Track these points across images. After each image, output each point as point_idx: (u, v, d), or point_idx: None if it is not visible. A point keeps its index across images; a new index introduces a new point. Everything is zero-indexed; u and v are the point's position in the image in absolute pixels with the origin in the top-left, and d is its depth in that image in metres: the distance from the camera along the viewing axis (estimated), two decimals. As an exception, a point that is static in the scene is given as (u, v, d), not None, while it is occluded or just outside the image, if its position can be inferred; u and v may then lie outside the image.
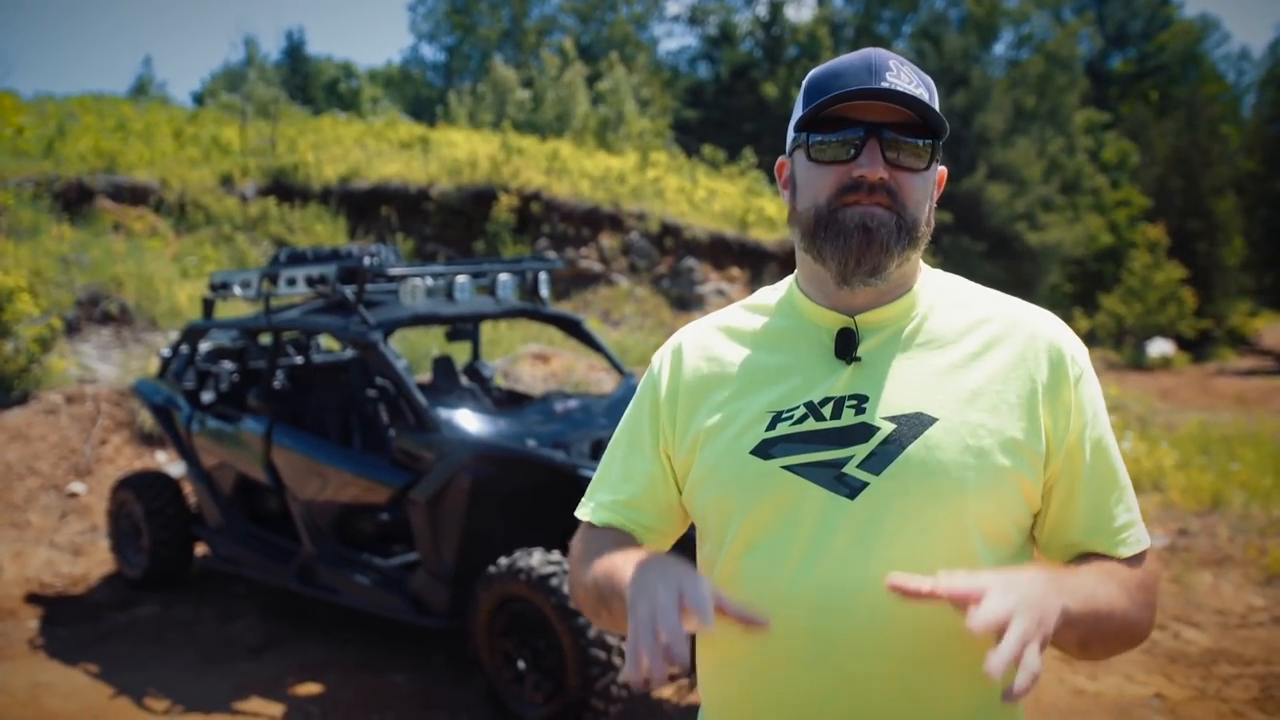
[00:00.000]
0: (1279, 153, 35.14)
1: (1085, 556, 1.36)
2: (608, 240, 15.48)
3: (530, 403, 5.54)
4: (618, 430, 1.55)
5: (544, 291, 5.72)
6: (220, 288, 6.06)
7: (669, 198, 17.23)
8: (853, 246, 1.31)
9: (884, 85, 1.28)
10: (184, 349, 6.35)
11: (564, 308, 13.26)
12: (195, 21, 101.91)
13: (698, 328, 1.53)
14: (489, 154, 16.83)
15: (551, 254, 14.60)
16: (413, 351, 9.81)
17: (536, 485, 4.59)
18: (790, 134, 1.40)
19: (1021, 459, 1.30)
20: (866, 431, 1.31)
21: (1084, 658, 1.33)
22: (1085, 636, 1.25)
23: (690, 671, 4.69)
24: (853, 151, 1.31)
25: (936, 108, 1.34)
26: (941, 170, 1.41)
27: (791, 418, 1.35)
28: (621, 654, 4.04)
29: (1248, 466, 8.51)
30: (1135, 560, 1.36)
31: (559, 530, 4.71)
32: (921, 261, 1.46)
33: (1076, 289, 31.64)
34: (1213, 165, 33.53)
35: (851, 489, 1.29)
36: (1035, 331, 1.37)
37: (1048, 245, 28.47)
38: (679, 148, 24.28)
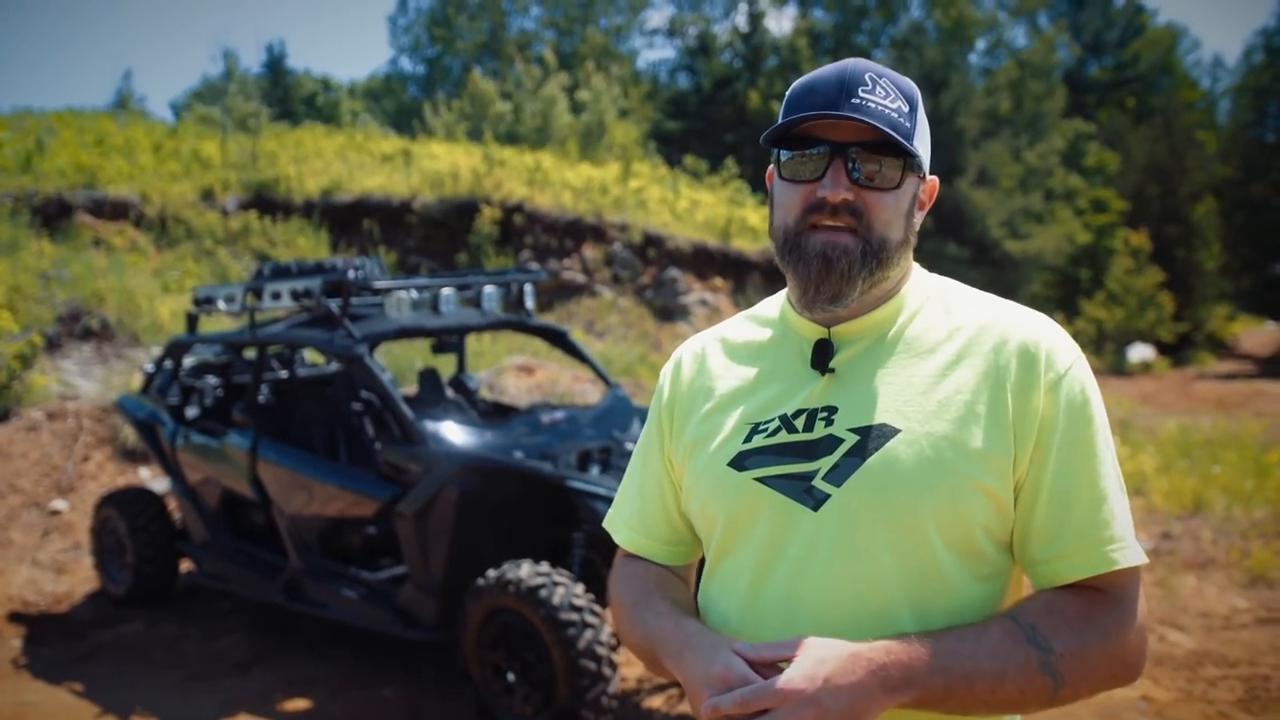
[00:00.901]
0: (1255, 159, 35.45)
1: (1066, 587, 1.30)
2: (591, 251, 15.50)
3: (516, 415, 5.54)
4: (638, 443, 1.61)
5: (529, 303, 5.73)
6: (204, 302, 6.03)
7: (651, 208, 17.27)
8: (813, 275, 1.31)
9: (854, 102, 1.28)
10: (168, 364, 6.32)
11: (547, 319, 13.26)
12: (175, 35, 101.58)
13: (699, 339, 1.57)
14: (471, 166, 16.84)
15: (534, 265, 14.60)
16: (396, 365, 9.79)
17: (524, 497, 4.60)
18: None
19: (986, 470, 1.27)
20: (832, 444, 1.32)
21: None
22: (958, 709, 1.23)
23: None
24: (819, 171, 1.30)
25: (918, 119, 1.33)
26: (932, 180, 1.40)
27: (766, 430, 1.37)
28: (611, 664, 4.05)
29: (1229, 469, 8.58)
30: (1105, 583, 1.28)
31: (547, 542, 4.72)
32: (915, 265, 1.45)
33: (1058, 295, 31.84)
34: (1189, 171, 33.81)
35: (817, 501, 1.31)
36: (1011, 336, 1.33)
37: (1029, 254, 28.64)
38: (661, 158, 24.34)
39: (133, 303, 10.39)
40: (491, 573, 4.26)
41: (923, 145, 1.34)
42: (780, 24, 49.46)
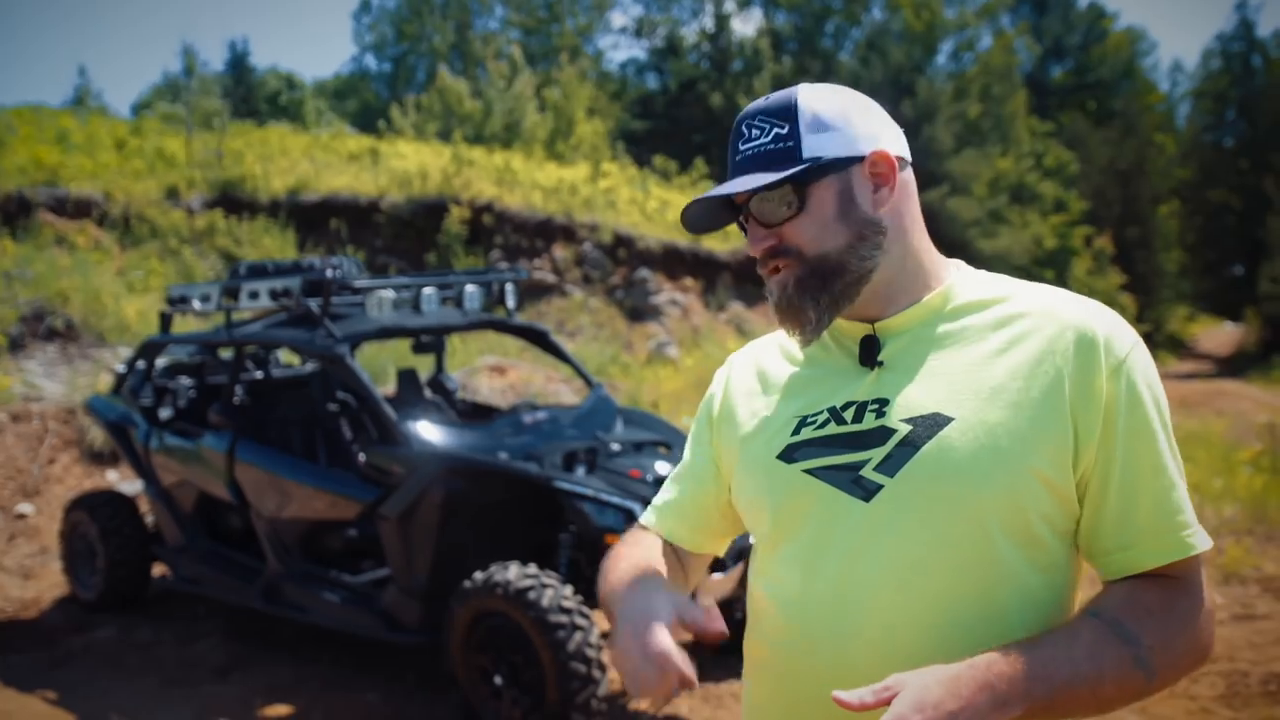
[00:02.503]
0: (1214, 162, 36.08)
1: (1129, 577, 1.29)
2: (561, 251, 15.43)
3: (499, 415, 5.49)
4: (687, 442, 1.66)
5: (511, 303, 5.67)
6: (179, 301, 5.92)
7: (621, 208, 17.23)
8: (777, 315, 1.40)
9: (737, 159, 1.37)
10: (140, 364, 6.21)
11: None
12: (132, 31, 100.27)
13: (755, 344, 1.62)
14: (440, 166, 16.70)
15: (504, 265, 14.51)
16: (369, 365, 9.69)
17: (510, 498, 4.56)
18: None
19: (1044, 456, 1.25)
20: (884, 434, 1.31)
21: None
22: (1060, 715, 1.20)
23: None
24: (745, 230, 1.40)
25: (801, 126, 1.33)
26: (876, 151, 1.36)
27: (815, 422, 1.37)
28: (601, 666, 4.01)
29: (1199, 468, 8.67)
30: (1179, 570, 1.27)
31: (534, 543, 4.67)
32: (952, 262, 1.46)
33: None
34: (1149, 175, 34.35)
35: (867, 491, 1.29)
36: (1065, 322, 1.30)
37: (999, 251, 28.92)
38: (630, 158, 24.30)
39: (97, 302, 10.20)
40: (479, 575, 4.21)
41: (822, 141, 1.33)
42: (747, 25, 49.51)
